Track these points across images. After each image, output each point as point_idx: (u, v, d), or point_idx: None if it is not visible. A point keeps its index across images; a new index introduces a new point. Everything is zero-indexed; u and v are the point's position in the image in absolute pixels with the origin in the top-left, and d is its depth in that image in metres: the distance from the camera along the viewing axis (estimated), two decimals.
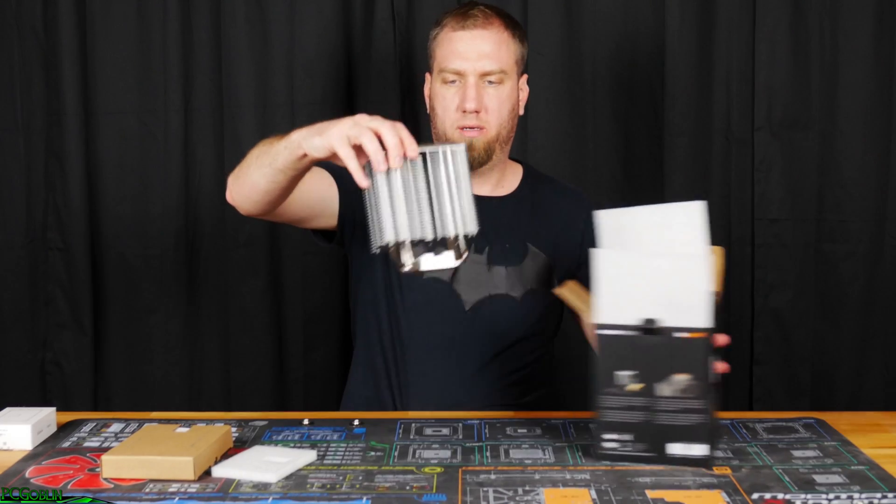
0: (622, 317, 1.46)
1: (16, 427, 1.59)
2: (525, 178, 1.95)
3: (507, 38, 1.84)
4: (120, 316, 2.55)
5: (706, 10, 2.46)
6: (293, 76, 2.48)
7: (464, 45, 1.82)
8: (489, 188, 1.91)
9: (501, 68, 1.82)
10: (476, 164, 1.83)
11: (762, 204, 2.48)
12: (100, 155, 2.51)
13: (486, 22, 1.83)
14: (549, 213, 1.91)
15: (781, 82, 2.46)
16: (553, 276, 1.88)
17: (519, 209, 1.90)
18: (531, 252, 1.86)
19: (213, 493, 1.38)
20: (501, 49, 1.82)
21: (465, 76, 1.81)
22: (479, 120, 1.81)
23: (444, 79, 1.83)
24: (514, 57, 1.85)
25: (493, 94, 1.82)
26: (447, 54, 1.83)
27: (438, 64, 1.85)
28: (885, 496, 1.37)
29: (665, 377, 1.45)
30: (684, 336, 1.44)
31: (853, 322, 2.50)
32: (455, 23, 1.84)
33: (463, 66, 1.81)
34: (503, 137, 1.85)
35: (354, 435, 1.64)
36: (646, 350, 1.45)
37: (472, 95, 1.80)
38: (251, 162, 1.64)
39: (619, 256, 1.46)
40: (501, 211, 1.88)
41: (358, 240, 1.87)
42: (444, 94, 1.83)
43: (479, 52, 1.81)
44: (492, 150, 1.84)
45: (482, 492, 1.39)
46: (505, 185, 1.93)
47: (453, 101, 1.82)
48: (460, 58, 1.81)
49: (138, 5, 2.48)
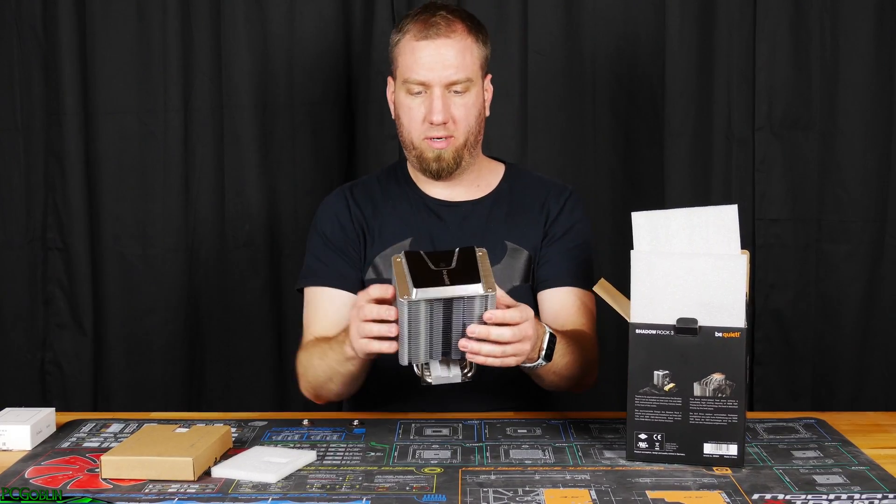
0: (657, 317, 1.47)
1: (15, 427, 1.59)
2: (505, 178, 1.93)
3: (471, 43, 1.81)
4: (120, 316, 2.54)
5: (706, 10, 2.46)
6: (293, 76, 2.48)
7: (427, 56, 1.78)
8: (463, 189, 1.89)
9: (467, 76, 1.79)
10: (445, 173, 1.83)
11: (762, 204, 2.48)
12: (100, 155, 2.51)
13: (449, 29, 1.79)
14: (528, 207, 1.90)
15: (782, 82, 2.46)
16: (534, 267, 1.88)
17: (495, 208, 1.89)
18: (510, 249, 1.86)
19: (212, 494, 1.38)
20: (466, 56, 1.79)
21: (431, 87, 1.78)
22: (447, 130, 1.79)
23: (409, 90, 1.80)
24: (478, 62, 1.82)
25: (459, 104, 1.80)
26: (410, 65, 1.79)
27: (402, 73, 1.81)
28: (886, 496, 1.37)
29: (699, 377, 1.46)
30: (720, 336, 1.45)
31: (853, 322, 2.50)
32: (417, 31, 1.79)
33: (428, 77, 1.78)
34: (471, 143, 1.84)
35: (354, 435, 1.64)
36: (680, 350, 1.46)
37: (439, 107, 1.77)
38: (319, 381, 1.75)
39: (655, 257, 1.48)
40: (476, 213, 1.88)
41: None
42: (409, 104, 1.81)
43: (444, 63, 1.77)
44: (460, 158, 1.83)
45: (482, 492, 1.39)
46: (482, 186, 1.91)
47: (419, 112, 1.80)
48: (424, 69, 1.78)
49: (138, 5, 2.47)
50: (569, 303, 1.83)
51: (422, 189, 1.90)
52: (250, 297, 2.53)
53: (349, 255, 1.87)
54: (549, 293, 1.85)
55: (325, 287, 1.85)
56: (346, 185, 1.97)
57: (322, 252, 1.87)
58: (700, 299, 1.46)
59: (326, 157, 2.51)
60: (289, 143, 2.50)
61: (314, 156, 2.51)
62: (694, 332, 1.47)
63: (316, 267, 1.87)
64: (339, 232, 1.87)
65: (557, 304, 1.83)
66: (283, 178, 2.51)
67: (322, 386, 1.76)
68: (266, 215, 2.51)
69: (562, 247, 1.86)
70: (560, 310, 1.82)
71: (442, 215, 1.87)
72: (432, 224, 1.86)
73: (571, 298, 1.84)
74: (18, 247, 2.53)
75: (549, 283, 1.85)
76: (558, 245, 1.86)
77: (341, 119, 2.51)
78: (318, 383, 1.76)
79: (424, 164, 1.83)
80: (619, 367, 1.86)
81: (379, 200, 1.90)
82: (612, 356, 2.30)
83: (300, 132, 2.50)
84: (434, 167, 1.82)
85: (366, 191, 1.92)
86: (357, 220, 1.88)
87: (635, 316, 1.49)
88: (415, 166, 1.87)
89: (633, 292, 1.49)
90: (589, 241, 1.91)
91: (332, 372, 1.70)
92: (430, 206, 1.88)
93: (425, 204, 1.88)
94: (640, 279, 1.48)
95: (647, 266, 1.48)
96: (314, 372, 1.75)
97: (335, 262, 1.86)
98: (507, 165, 1.97)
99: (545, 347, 1.61)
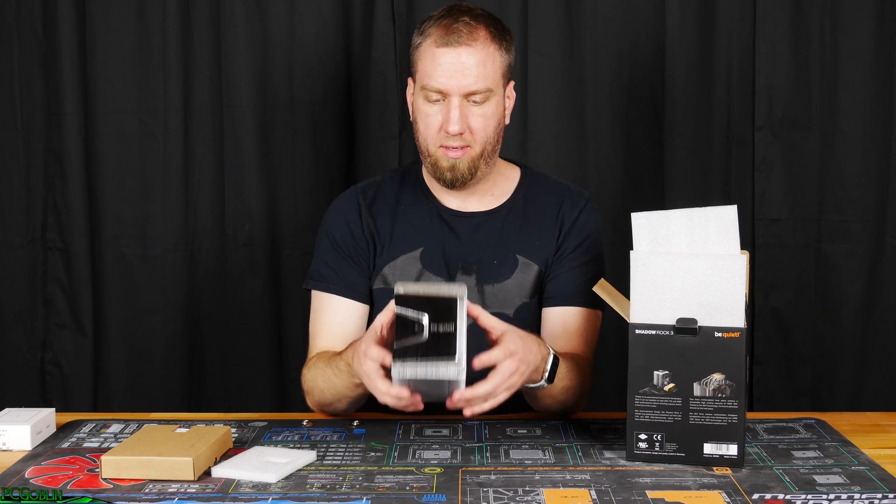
0: (657, 317, 1.47)
1: (15, 427, 1.59)
2: (520, 185, 1.89)
3: (493, 51, 1.75)
4: (120, 316, 2.55)
5: (706, 10, 2.46)
6: (293, 76, 2.48)
7: (447, 64, 1.72)
8: (477, 198, 1.85)
9: (487, 86, 1.73)
10: (459, 183, 1.78)
11: (762, 204, 2.48)
12: (99, 155, 2.51)
13: (471, 37, 1.73)
14: (540, 218, 1.85)
15: (782, 82, 2.46)
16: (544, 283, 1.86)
17: (508, 220, 1.85)
18: (521, 263, 1.82)
19: (212, 494, 1.38)
20: (487, 66, 1.74)
21: (449, 96, 1.73)
22: (463, 140, 1.75)
23: (428, 97, 1.76)
24: (500, 70, 1.77)
25: (477, 114, 1.74)
26: (430, 71, 1.74)
27: (421, 79, 1.77)
28: (886, 496, 1.37)
29: (699, 377, 1.46)
30: (719, 336, 1.46)
31: (853, 322, 2.50)
32: (438, 37, 1.74)
33: (446, 86, 1.73)
34: (488, 152, 1.78)
35: (354, 435, 1.64)
36: (680, 350, 1.46)
37: (456, 118, 1.73)
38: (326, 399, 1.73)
39: (655, 257, 1.48)
40: (489, 225, 1.84)
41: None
42: (426, 111, 1.76)
43: (464, 72, 1.72)
44: (476, 168, 1.78)
45: (482, 492, 1.39)
46: (496, 194, 1.87)
47: (436, 120, 1.75)
48: (444, 77, 1.73)
49: (138, 5, 2.47)
50: (572, 324, 1.80)
51: (435, 196, 1.85)
52: (250, 297, 2.53)
53: (358, 262, 1.84)
54: (555, 311, 1.81)
55: (333, 295, 1.83)
56: (359, 185, 1.91)
57: (331, 257, 1.84)
58: (700, 299, 1.46)
59: (326, 157, 2.51)
60: (289, 143, 2.50)
61: (314, 156, 2.51)
62: (694, 332, 1.47)
63: (325, 272, 1.84)
64: (349, 237, 1.84)
65: (560, 326, 1.80)
66: (283, 178, 2.51)
67: (330, 405, 1.74)
68: (266, 215, 2.51)
69: (573, 262, 1.82)
70: (562, 332, 1.79)
71: (454, 226, 1.83)
72: (444, 234, 1.83)
73: (576, 319, 1.80)
74: (18, 247, 2.53)
75: (555, 301, 1.81)
76: (569, 260, 1.82)
77: (341, 119, 2.51)
78: (326, 402, 1.74)
79: (439, 173, 1.78)
80: (619, 367, 1.86)
81: (392, 206, 1.85)
82: (612, 356, 2.31)
83: (300, 132, 2.50)
84: (448, 177, 1.77)
85: (380, 194, 1.87)
86: (368, 227, 1.84)
87: (635, 316, 1.49)
88: (430, 173, 1.82)
89: (632, 292, 1.49)
90: (601, 253, 1.86)
91: (340, 395, 1.70)
92: (443, 216, 1.84)
93: (438, 213, 1.84)
94: (639, 279, 1.49)
95: (646, 266, 1.48)
96: (321, 394, 1.74)
97: (344, 270, 1.83)
98: (523, 170, 1.91)
99: (548, 369, 1.59)
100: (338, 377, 1.67)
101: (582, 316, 1.80)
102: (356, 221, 1.85)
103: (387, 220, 1.85)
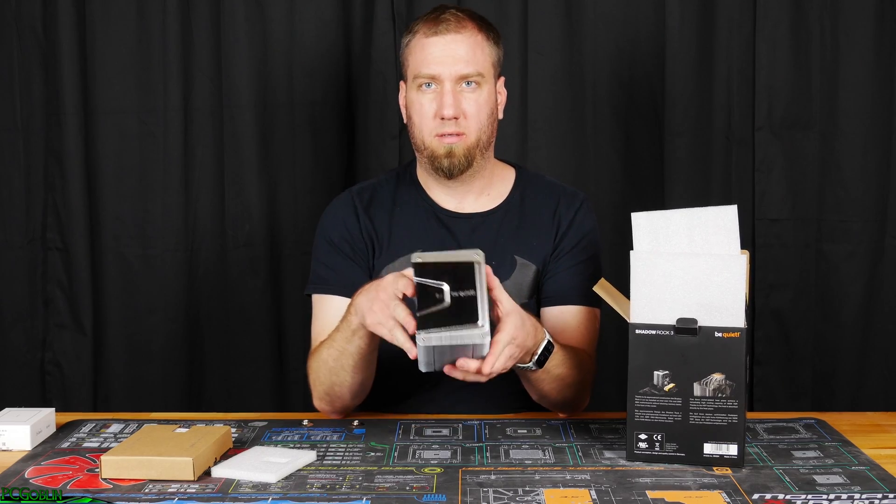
0: (657, 317, 1.48)
1: (15, 427, 1.59)
2: (516, 185, 1.89)
3: (482, 40, 1.79)
4: (120, 316, 2.55)
5: (706, 10, 2.46)
6: (293, 76, 2.48)
7: (438, 50, 1.76)
8: (473, 199, 1.86)
9: (478, 71, 1.77)
10: (456, 171, 1.79)
11: (762, 204, 2.48)
12: (99, 155, 2.51)
13: (459, 26, 1.78)
14: (538, 217, 1.86)
15: (782, 82, 2.46)
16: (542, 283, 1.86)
17: (505, 221, 1.85)
18: (519, 264, 1.83)
19: (212, 494, 1.38)
20: (477, 52, 1.77)
21: (441, 81, 1.76)
22: (458, 126, 1.76)
23: (420, 85, 1.78)
24: (490, 59, 1.80)
25: (471, 99, 1.77)
26: (421, 60, 1.77)
27: (412, 71, 1.80)
28: (886, 496, 1.37)
29: (699, 377, 1.46)
30: (720, 336, 1.46)
31: (853, 322, 2.50)
32: (427, 28, 1.78)
33: (438, 71, 1.76)
34: (483, 143, 1.80)
35: (354, 435, 1.64)
36: (680, 350, 1.46)
37: (450, 101, 1.75)
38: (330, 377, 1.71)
39: (655, 257, 1.48)
40: (486, 226, 1.84)
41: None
42: (420, 100, 1.78)
43: (455, 56, 1.76)
44: (472, 157, 1.79)
45: (482, 492, 1.39)
46: (492, 194, 1.87)
47: (430, 108, 1.77)
48: (435, 62, 1.76)
49: (138, 5, 2.47)
50: (571, 323, 1.81)
51: (432, 197, 1.86)
52: (250, 297, 2.53)
53: (358, 262, 1.84)
54: (553, 311, 1.82)
55: (333, 296, 1.82)
56: (354, 187, 1.92)
57: (330, 258, 1.84)
58: (700, 299, 1.46)
59: (326, 157, 2.51)
60: (289, 143, 2.50)
61: (314, 156, 2.51)
62: (694, 333, 1.47)
63: (325, 274, 1.84)
64: (347, 238, 1.84)
65: (559, 324, 1.80)
66: (283, 178, 2.51)
67: (333, 384, 1.70)
68: (266, 215, 2.51)
69: (570, 261, 1.83)
70: (562, 330, 1.79)
71: (451, 227, 1.84)
72: (442, 236, 1.83)
73: (574, 318, 1.81)
74: (18, 247, 2.53)
75: (554, 301, 1.82)
76: (566, 259, 1.83)
77: (341, 119, 2.51)
78: (328, 381, 1.71)
79: (436, 163, 1.78)
80: (619, 367, 1.86)
81: (389, 208, 1.86)
82: (612, 356, 2.30)
83: (300, 132, 2.50)
84: (445, 164, 1.78)
85: (376, 197, 1.87)
86: (366, 229, 1.84)
87: (635, 316, 1.49)
88: (426, 168, 1.83)
89: (632, 292, 1.49)
90: (599, 252, 1.88)
91: (340, 355, 1.66)
92: (440, 217, 1.84)
93: (435, 215, 1.84)
94: (639, 279, 1.49)
95: (646, 266, 1.48)
96: (324, 367, 1.70)
97: (344, 270, 1.83)
98: (518, 170, 1.92)
99: (538, 353, 1.60)
100: (339, 332, 1.65)
101: (581, 314, 1.81)
102: (353, 223, 1.85)
103: (384, 221, 1.85)
